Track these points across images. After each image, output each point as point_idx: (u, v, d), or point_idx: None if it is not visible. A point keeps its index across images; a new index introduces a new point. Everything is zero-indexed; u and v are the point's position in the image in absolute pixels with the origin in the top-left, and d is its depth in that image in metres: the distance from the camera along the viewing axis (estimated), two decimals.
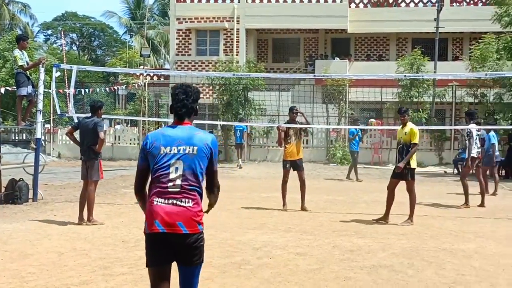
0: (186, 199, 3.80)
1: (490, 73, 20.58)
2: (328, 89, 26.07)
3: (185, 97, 3.98)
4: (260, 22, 29.78)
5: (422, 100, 25.44)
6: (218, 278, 6.19)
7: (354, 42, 32.17)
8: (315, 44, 32.58)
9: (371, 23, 29.62)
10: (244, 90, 25.54)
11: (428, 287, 5.98)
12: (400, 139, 10.02)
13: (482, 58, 23.80)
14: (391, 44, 31.79)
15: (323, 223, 9.82)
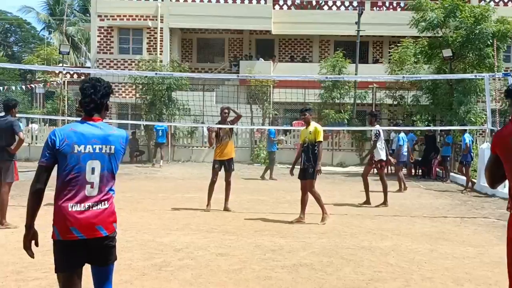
0: (104, 201, 3.70)
1: (407, 76, 21.39)
2: (252, 90, 26.23)
3: (93, 92, 3.78)
4: (184, 22, 29.55)
5: (343, 101, 26.04)
6: (137, 281, 6.06)
7: (278, 43, 32.51)
8: (239, 45, 32.69)
9: (295, 25, 30.02)
10: (168, 90, 25.23)
11: (346, 284, 6.10)
12: (305, 138, 10.07)
13: (400, 61, 24.66)
14: (314, 46, 32.37)
15: (245, 223, 9.83)
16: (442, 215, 11.45)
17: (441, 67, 21.91)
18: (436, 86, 21.92)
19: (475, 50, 20.36)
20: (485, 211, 12.02)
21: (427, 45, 22.46)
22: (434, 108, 22.56)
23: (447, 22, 21.06)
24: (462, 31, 20.42)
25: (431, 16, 20.82)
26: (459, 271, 6.73)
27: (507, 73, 14.68)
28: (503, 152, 3.49)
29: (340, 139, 26.40)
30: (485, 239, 8.90)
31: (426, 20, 21.02)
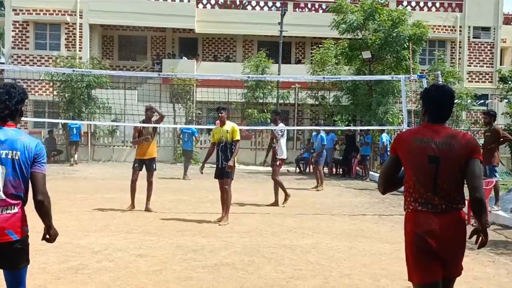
0: (12, 206, 3.69)
1: (327, 76, 21.83)
2: (175, 89, 25.95)
3: (8, 98, 3.76)
4: (105, 18, 28.82)
5: (266, 101, 26.26)
6: (52, 285, 5.84)
7: (201, 42, 32.34)
8: (162, 43, 32.26)
9: (218, 24, 29.96)
10: (88, 88, 24.54)
11: (266, 283, 6.11)
12: (222, 137, 10.00)
13: (322, 62, 25.16)
14: (237, 46, 32.43)
15: (167, 224, 9.68)
16: (361, 213, 11.74)
17: (361, 68, 22.52)
18: (356, 87, 22.50)
19: (393, 53, 21.06)
20: (401, 208, 12.31)
21: (347, 47, 22.99)
22: (354, 109, 23.16)
23: (367, 25, 21.67)
24: (381, 34, 21.07)
25: (351, 19, 21.37)
26: (376, 267, 6.90)
27: (422, 75, 15.22)
28: (405, 154, 3.70)
29: (263, 138, 26.59)
30: (401, 235, 8.97)
31: (347, 22, 21.54)
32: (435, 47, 30.69)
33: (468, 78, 31.03)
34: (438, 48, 30.31)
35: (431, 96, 3.81)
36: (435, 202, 3.60)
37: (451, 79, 22.96)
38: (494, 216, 10.65)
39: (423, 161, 3.63)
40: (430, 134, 3.68)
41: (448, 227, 3.60)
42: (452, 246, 3.64)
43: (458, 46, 31.29)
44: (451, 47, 31.49)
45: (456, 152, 3.62)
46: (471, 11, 30.98)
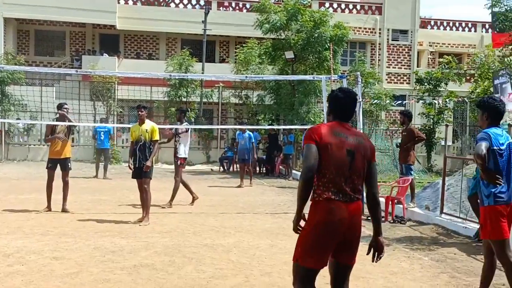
0: None
1: (250, 76, 21.90)
2: (95, 86, 25.25)
3: None
4: (20, 11, 27.62)
5: (190, 100, 26.05)
6: None
7: (123, 39, 31.64)
8: (82, 39, 31.28)
9: (141, 21, 29.43)
10: (1, 84, 23.45)
11: (186, 283, 6.01)
12: (140, 136, 9.83)
13: (246, 61, 25.22)
14: (161, 43, 31.97)
15: (85, 225, 9.36)
16: (283, 211, 11.82)
17: (284, 68, 22.73)
18: (279, 87, 22.70)
19: (315, 53, 21.39)
20: None
21: (270, 47, 23.16)
22: (277, 108, 23.35)
23: (290, 25, 21.90)
24: (303, 34, 21.35)
25: (274, 19, 21.53)
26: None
27: (342, 75, 15.52)
28: (325, 145, 3.90)
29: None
30: None
31: (270, 22, 21.69)
32: (355, 48, 31.53)
33: (387, 79, 32.09)
34: (358, 50, 31.15)
35: (337, 98, 4.14)
36: (346, 192, 3.90)
37: (370, 80, 23.61)
38: (410, 213, 11.01)
39: (341, 154, 3.92)
40: (344, 131, 4.02)
41: (355, 215, 3.96)
42: (357, 232, 4.01)
43: (377, 48, 32.30)
44: (371, 49, 32.46)
45: (365, 150, 4.03)
46: (390, 14, 32.06)
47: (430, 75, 24.61)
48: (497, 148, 5.25)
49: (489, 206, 5.27)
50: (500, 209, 5.22)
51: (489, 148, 5.20)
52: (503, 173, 5.24)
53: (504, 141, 5.32)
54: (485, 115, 5.48)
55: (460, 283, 6.37)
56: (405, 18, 32.27)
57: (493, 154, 5.24)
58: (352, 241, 4.00)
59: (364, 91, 21.81)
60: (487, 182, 5.26)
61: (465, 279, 6.55)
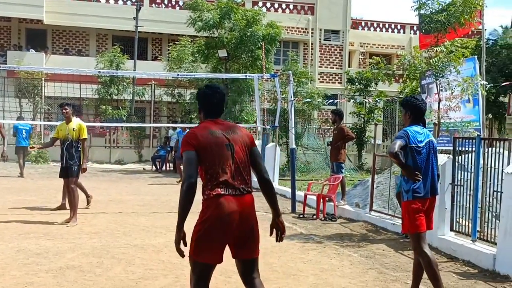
0: None
1: (182, 74, 21.68)
2: (22, 83, 24.35)
3: None
4: None
5: (122, 98, 25.58)
6: None
7: (51, 34, 30.60)
8: (7, 34, 30.03)
9: (70, 16, 28.56)
10: None
11: (115, 285, 5.87)
12: (67, 135, 9.59)
13: (179, 59, 24.99)
14: (91, 40, 31.15)
15: (8, 226, 8.99)
16: None
17: (217, 66, 22.68)
18: None
19: (248, 52, 21.46)
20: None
21: (204, 45, 23.06)
22: None
23: (223, 24, 21.86)
24: (236, 33, 21.38)
25: (207, 17, 21.44)
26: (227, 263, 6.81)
27: (274, 74, 15.67)
28: (204, 147, 3.93)
29: (118, 136, 25.88)
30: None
31: (203, 20, 21.58)
32: (288, 48, 31.83)
33: (320, 79, 32.59)
34: (291, 49, 31.46)
35: (205, 95, 4.18)
36: (234, 186, 3.93)
37: (303, 79, 23.89)
38: (340, 210, 11.21)
39: (222, 151, 3.96)
40: (217, 127, 4.06)
41: (247, 208, 3.99)
42: (251, 225, 4.02)
43: (310, 47, 32.74)
44: (304, 49, 32.87)
45: (243, 139, 4.10)
46: (322, 14, 32.57)
47: (361, 75, 25.17)
48: (415, 146, 5.45)
49: (408, 201, 5.50)
50: (418, 204, 5.45)
51: (406, 145, 5.41)
52: (421, 170, 5.45)
53: (423, 139, 5.53)
54: (407, 113, 5.70)
55: (387, 278, 6.52)
56: (337, 19, 32.89)
57: (410, 151, 5.45)
58: (248, 235, 4.01)
59: (296, 90, 22.06)
60: (407, 178, 5.48)
61: (392, 274, 6.72)
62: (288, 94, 13.28)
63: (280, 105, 15.14)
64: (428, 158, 5.52)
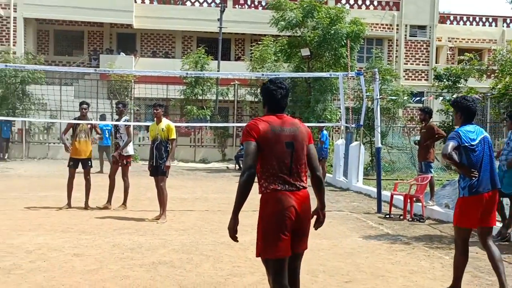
0: None
1: (266, 73, 21.86)
2: (113, 85, 25.47)
3: None
4: (40, 12, 27.99)
5: (206, 98, 26.15)
6: None
7: (140, 38, 31.86)
8: (100, 38, 31.58)
9: (157, 19, 29.60)
10: (22, 83, 23.77)
11: (204, 280, 6.07)
12: (157, 135, 9.90)
13: (261, 59, 25.22)
14: (177, 42, 32.13)
15: (104, 222, 9.48)
16: None
17: (299, 65, 22.70)
18: (295, 84, 22.69)
19: (331, 50, 21.33)
20: (339, 204, 12.59)
21: (286, 44, 23.14)
22: (293, 105, 23.33)
23: (305, 22, 21.86)
24: (319, 31, 21.30)
25: (290, 16, 21.51)
26: (314, 263, 6.96)
27: (359, 72, 15.50)
28: (265, 141, 4.01)
29: (202, 135, 26.48)
30: (338, 231, 9.30)
31: (286, 19, 21.67)
32: (372, 45, 31.37)
33: (405, 76, 31.92)
34: (375, 46, 30.98)
35: (269, 91, 4.25)
36: (291, 183, 4.04)
37: (388, 77, 23.47)
38: (429, 211, 10.95)
39: (281, 147, 4.05)
40: (280, 123, 4.12)
41: (304, 202, 4.09)
42: (306, 220, 4.13)
43: (395, 44, 32.14)
44: (389, 45, 32.30)
45: (303, 136, 4.17)
46: (408, 10, 31.87)
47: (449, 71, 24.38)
48: (468, 145, 5.58)
49: (464, 197, 5.65)
50: (473, 200, 5.58)
51: (459, 145, 5.55)
52: (477, 167, 5.57)
53: (476, 137, 5.64)
54: (458, 114, 5.83)
55: (482, 283, 6.30)
56: (424, 14, 32.07)
57: (464, 150, 5.58)
58: (304, 229, 4.13)
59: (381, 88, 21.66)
60: (463, 175, 5.64)
61: (487, 278, 6.48)
62: (374, 92, 13.08)
63: (365, 103, 14.95)
64: (484, 154, 5.62)
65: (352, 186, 15.45)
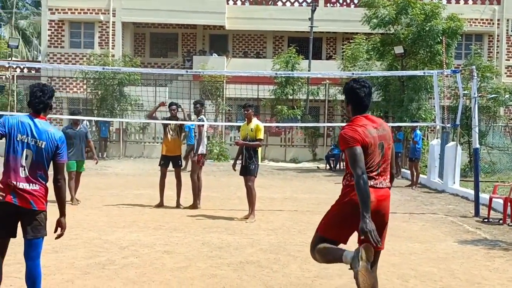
0: (34, 183, 4.55)
1: (356, 72, 21.40)
2: (205, 85, 25.99)
3: (42, 94, 4.64)
4: (137, 16, 29.06)
5: (296, 98, 26.09)
6: (79, 280, 5.86)
7: (232, 38, 32.29)
8: (193, 40, 32.33)
9: (248, 20, 29.88)
10: (120, 85, 24.78)
11: (291, 281, 6.01)
12: (246, 135, 9.96)
13: (353, 57, 24.81)
14: (268, 42, 32.29)
15: (194, 220, 9.66)
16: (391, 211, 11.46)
17: (393, 64, 22.15)
18: (388, 83, 22.16)
19: (426, 47, 20.65)
20: (434, 207, 12.15)
21: (379, 42, 22.64)
22: (385, 105, 22.80)
23: (399, 19, 21.29)
24: (413, 28, 20.68)
25: (383, 13, 21.01)
26: (405, 267, 6.72)
27: (455, 70, 14.89)
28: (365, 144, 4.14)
29: (293, 135, 26.45)
30: (432, 235, 8.95)
31: (378, 17, 21.20)
32: (471, 41, 30.00)
33: (507, 73, 30.31)
34: (474, 42, 29.60)
35: (353, 90, 4.33)
36: (376, 179, 4.19)
37: (488, 74, 22.36)
38: None
39: (375, 149, 4.20)
40: (372, 125, 4.25)
41: (384, 200, 4.24)
42: (385, 217, 4.29)
43: (496, 40, 30.56)
44: (489, 41, 30.78)
45: (389, 136, 4.36)
46: (509, 3, 30.21)
47: None
48: None
49: None
50: None
51: None
52: None
53: None
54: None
55: None
56: None
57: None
58: (382, 226, 4.24)
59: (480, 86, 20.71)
60: None
61: None
62: (471, 90, 12.51)
63: (462, 102, 14.33)
64: None
65: (448, 188, 14.86)
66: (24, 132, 4.53)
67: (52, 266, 6.34)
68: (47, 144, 4.57)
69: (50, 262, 6.45)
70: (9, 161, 4.54)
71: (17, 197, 4.49)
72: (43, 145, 4.55)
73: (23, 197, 4.50)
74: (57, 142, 4.62)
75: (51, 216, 4.80)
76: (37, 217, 4.59)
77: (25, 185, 4.51)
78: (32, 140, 4.53)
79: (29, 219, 4.56)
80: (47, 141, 4.57)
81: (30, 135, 4.53)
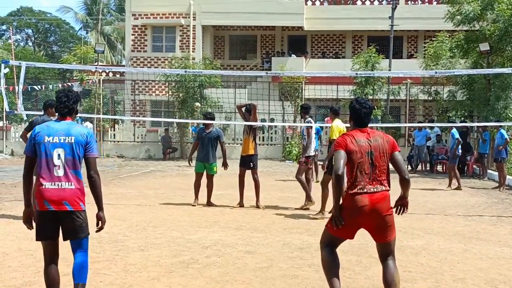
0: (70, 182, 4.62)
1: (439, 71, 20.83)
2: (284, 86, 26.09)
3: (67, 99, 4.82)
4: (217, 19, 29.63)
5: (377, 98, 25.68)
6: (164, 278, 6.05)
7: (310, 39, 32.27)
8: (271, 41, 32.57)
9: (327, 20, 29.76)
10: (200, 87, 25.31)
11: (373, 284, 5.96)
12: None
13: (435, 56, 24.14)
14: (347, 42, 32.02)
15: (274, 221, 9.74)
16: (477, 214, 11.15)
17: (478, 61, 21.36)
18: (473, 81, 21.41)
19: None
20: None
21: (463, 39, 21.91)
22: (470, 104, 22.04)
23: (484, 15, 20.53)
24: (500, 24, 19.87)
25: (467, 9, 20.32)
26: (493, 272, 6.51)
27: None
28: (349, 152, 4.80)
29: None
30: None
31: (462, 13, 20.53)
32: None
33: None
34: None
35: (354, 109, 5.02)
36: (369, 186, 4.77)
37: None
38: None
39: (363, 157, 4.80)
40: (363, 136, 4.89)
41: (379, 202, 4.76)
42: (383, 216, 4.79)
43: None
44: None
45: (383, 146, 4.86)
46: None
47: None
48: None
49: None
50: None
51: None
52: None
53: None
54: None
55: None
56: None
57: None
58: (381, 224, 4.81)
59: None
60: None
61: None
62: None
63: None
64: None
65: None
66: (52, 133, 4.65)
67: (138, 263, 6.60)
68: (76, 139, 4.65)
69: (136, 260, 6.72)
70: (41, 164, 4.61)
71: (51, 203, 4.55)
72: (72, 139, 4.64)
73: (57, 200, 4.56)
74: (86, 136, 4.71)
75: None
76: (76, 220, 4.65)
77: (61, 184, 4.57)
78: (61, 138, 4.63)
79: (67, 222, 4.63)
80: (76, 136, 4.66)
81: (58, 134, 4.64)
